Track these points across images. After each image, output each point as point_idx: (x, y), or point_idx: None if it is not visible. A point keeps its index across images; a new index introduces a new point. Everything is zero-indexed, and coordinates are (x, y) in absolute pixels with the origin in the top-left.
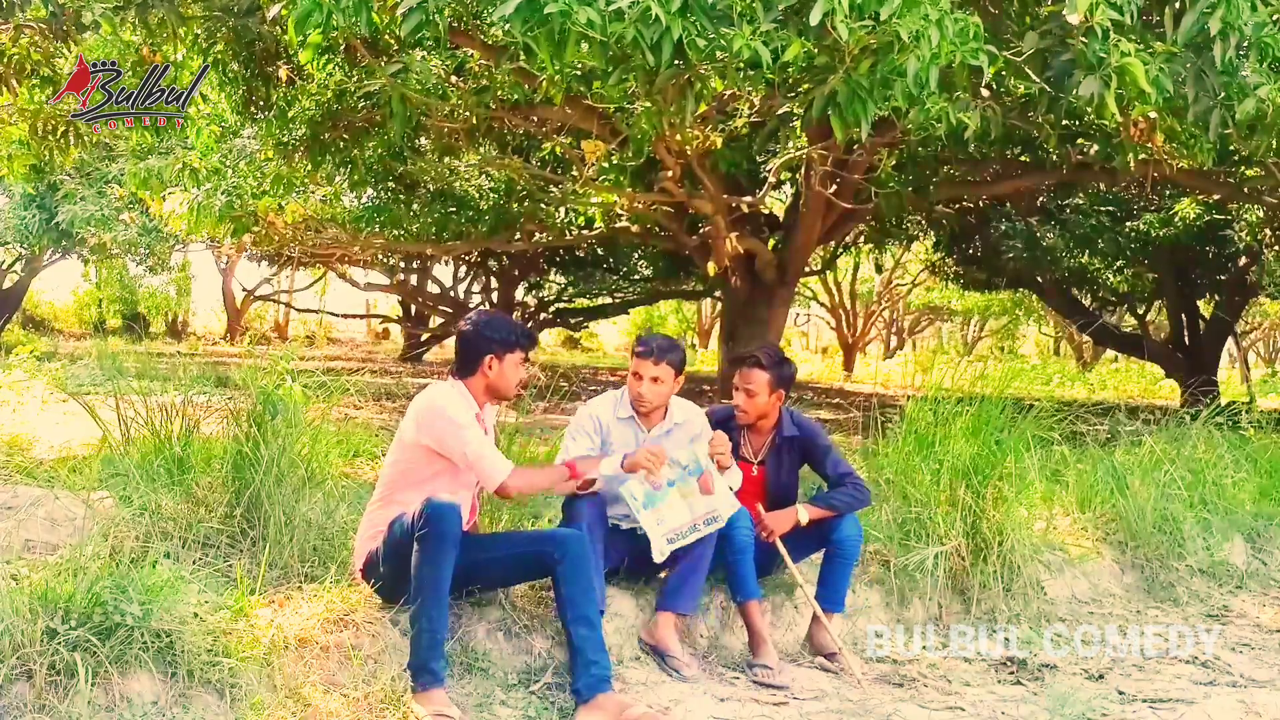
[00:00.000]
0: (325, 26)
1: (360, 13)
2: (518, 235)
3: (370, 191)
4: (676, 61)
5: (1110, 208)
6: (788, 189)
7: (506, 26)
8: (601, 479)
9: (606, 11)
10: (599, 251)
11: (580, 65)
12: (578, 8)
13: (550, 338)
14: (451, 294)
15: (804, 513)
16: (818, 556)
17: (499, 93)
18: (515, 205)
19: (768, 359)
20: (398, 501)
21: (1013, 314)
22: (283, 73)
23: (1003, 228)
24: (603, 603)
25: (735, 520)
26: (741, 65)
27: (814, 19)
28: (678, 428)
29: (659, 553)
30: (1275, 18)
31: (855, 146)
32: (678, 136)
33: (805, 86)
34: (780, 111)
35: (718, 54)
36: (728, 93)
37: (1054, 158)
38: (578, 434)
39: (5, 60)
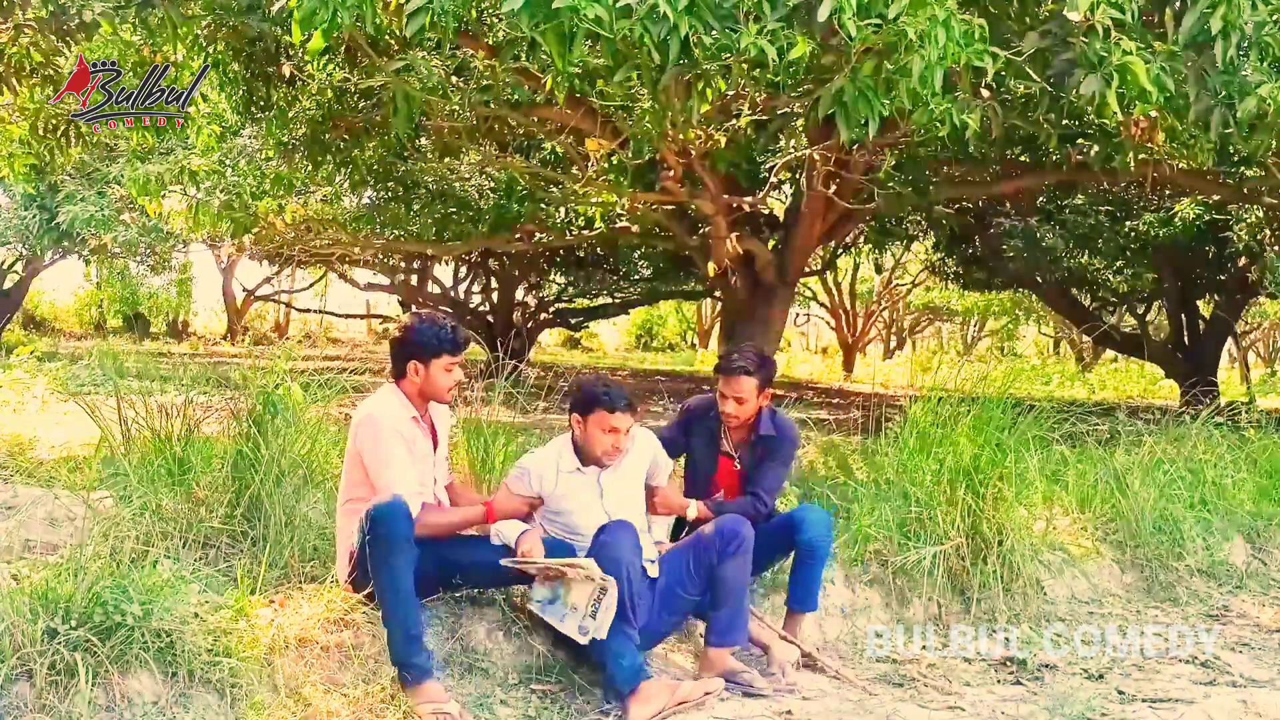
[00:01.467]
0: (331, 25)
1: (365, 10)
2: (518, 235)
3: (370, 192)
4: (682, 60)
5: (1110, 208)
6: (787, 189)
7: (514, 21)
8: (499, 536)
9: (615, 8)
10: (599, 251)
11: (583, 64)
12: (586, 4)
13: (550, 338)
14: (451, 294)
15: (694, 509)
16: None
17: (500, 95)
18: (515, 205)
19: (753, 364)
20: (358, 504)
21: (1012, 314)
22: (286, 69)
23: (1003, 227)
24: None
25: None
26: (746, 64)
27: (822, 15)
28: (629, 456)
29: (581, 638)
30: (1276, 17)
31: (856, 146)
32: (680, 136)
33: (806, 87)
34: (781, 111)
35: (723, 53)
36: (730, 93)
37: (1054, 158)
38: (516, 492)
39: (5, 60)
